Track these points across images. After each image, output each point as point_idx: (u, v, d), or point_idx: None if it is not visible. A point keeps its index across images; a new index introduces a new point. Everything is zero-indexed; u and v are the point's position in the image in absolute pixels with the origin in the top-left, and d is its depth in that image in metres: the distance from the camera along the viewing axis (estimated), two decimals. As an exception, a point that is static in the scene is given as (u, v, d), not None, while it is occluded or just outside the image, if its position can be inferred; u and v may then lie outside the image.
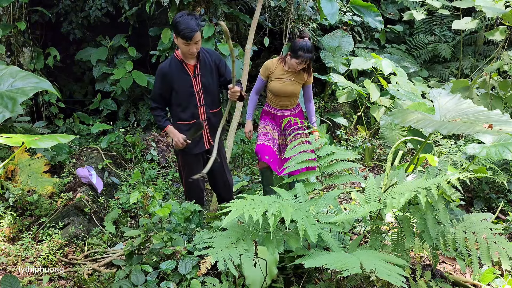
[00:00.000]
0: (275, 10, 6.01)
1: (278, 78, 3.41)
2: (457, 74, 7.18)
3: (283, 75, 3.40)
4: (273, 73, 3.42)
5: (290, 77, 3.40)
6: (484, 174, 2.93)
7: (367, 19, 5.88)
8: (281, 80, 3.40)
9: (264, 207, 1.86)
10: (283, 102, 3.51)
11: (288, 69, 3.38)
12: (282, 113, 3.56)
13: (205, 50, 3.09)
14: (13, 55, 5.04)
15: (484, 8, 4.61)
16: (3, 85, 1.77)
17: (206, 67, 3.05)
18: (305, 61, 3.27)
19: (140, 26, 5.74)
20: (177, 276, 2.21)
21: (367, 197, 2.17)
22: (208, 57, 3.06)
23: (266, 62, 3.50)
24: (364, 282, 2.24)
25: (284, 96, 3.47)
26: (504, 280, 2.56)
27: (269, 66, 3.44)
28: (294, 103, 3.56)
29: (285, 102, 3.52)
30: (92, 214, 3.46)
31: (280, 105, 3.53)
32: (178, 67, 2.99)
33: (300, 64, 3.29)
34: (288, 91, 3.43)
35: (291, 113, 3.56)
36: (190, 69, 3.00)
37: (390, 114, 2.93)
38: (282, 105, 3.53)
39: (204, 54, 3.06)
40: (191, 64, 3.00)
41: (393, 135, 5.09)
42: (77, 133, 5.25)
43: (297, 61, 3.27)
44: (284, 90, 3.42)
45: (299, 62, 3.27)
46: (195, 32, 2.77)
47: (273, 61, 3.46)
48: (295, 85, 3.42)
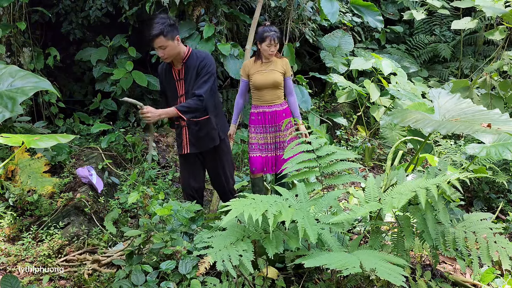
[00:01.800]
0: (275, 10, 6.01)
1: (258, 71, 3.52)
2: (457, 74, 7.18)
3: (261, 67, 3.52)
4: (252, 69, 3.54)
5: (268, 67, 3.51)
6: (484, 174, 2.93)
7: (367, 19, 5.88)
8: (260, 72, 3.51)
9: (264, 207, 1.86)
10: (268, 95, 3.54)
11: (265, 60, 3.51)
12: (270, 109, 3.57)
13: (196, 54, 3.01)
14: (13, 55, 5.04)
15: (484, 8, 4.61)
16: (2, 84, 1.77)
17: (189, 72, 2.98)
18: (273, 40, 3.38)
19: (140, 26, 5.74)
20: (177, 276, 2.21)
21: (367, 197, 2.17)
22: (195, 61, 2.98)
23: (244, 63, 3.66)
24: (364, 282, 2.24)
25: (267, 88, 3.52)
26: (504, 280, 2.56)
27: (246, 65, 3.59)
28: (279, 96, 3.58)
29: (270, 95, 3.54)
30: (92, 214, 3.46)
31: (266, 100, 3.56)
32: (167, 69, 3.06)
33: (271, 45, 3.40)
34: (270, 81, 3.48)
35: (279, 108, 3.57)
36: (176, 72, 3.02)
37: (389, 114, 2.93)
38: (268, 99, 3.55)
39: (193, 58, 2.98)
40: (177, 68, 3.01)
41: (393, 135, 5.09)
42: (77, 133, 5.25)
43: (267, 43, 3.39)
44: (266, 80, 3.49)
45: (269, 44, 3.40)
46: (154, 37, 2.76)
47: (250, 60, 3.62)
48: (275, 74, 3.49)
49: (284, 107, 3.62)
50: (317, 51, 6.47)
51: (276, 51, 3.48)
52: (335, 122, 5.73)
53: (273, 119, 3.57)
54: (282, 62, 3.56)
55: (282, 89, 3.60)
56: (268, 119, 3.58)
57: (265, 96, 3.56)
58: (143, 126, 5.39)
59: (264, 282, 2.15)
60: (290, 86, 3.63)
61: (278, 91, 3.56)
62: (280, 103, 3.59)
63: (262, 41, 3.42)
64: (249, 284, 2.13)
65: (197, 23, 5.25)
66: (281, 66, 3.54)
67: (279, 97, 3.58)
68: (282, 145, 3.61)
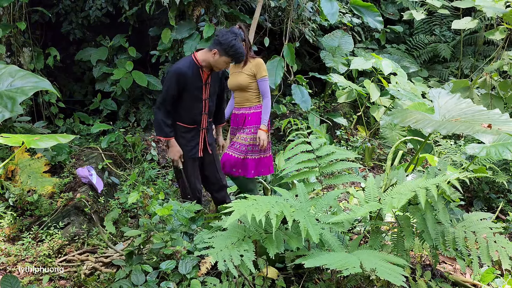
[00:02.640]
0: (275, 10, 6.01)
1: (232, 73, 3.53)
2: (457, 74, 7.18)
3: (235, 69, 3.51)
4: (230, 69, 3.56)
5: (236, 70, 3.48)
6: (484, 174, 2.93)
7: (367, 19, 5.88)
8: (233, 73, 3.51)
9: (267, 207, 1.86)
10: (237, 97, 3.53)
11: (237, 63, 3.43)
12: (239, 111, 3.54)
13: None
14: (13, 55, 5.04)
15: (484, 8, 4.61)
16: (2, 84, 1.77)
17: (214, 78, 3.15)
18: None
19: (140, 26, 5.74)
20: (177, 276, 2.21)
21: (367, 197, 2.17)
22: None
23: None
24: (364, 282, 2.24)
25: (236, 91, 3.51)
26: (504, 280, 2.56)
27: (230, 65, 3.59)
28: (249, 99, 3.47)
29: (238, 97, 3.51)
30: (92, 214, 3.46)
31: (237, 102, 3.54)
32: (195, 71, 3.03)
33: None
34: (235, 83, 3.45)
35: (246, 112, 3.49)
36: (204, 76, 3.07)
37: (389, 114, 2.93)
38: (237, 101, 3.53)
39: None
40: (206, 73, 3.08)
41: (393, 135, 5.09)
42: (77, 133, 5.25)
43: None
44: (232, 82, 3.48)
45: None
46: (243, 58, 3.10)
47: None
48: (242, 76, 3.42)
49: (254, 111, 3.48)
50: (317, 51, 6.46)
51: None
52: (335, 122, 5.73)
53: (239, 122, 3.52)
54: (253, 64, 3.42)
55: (253, 91, 3.47)
56: (235, 121, 3.56)
57: (236, 98, 3.54)
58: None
59: (264, 282, 2.15)
60: (263, 89, 3.45)
61: (246, 94, 3.46)
62: (250, 106, 3.48)
63: None
64: (249, 284, 2.13)
65: (197, 23, 5.25)
66: (250, 68, 3.41)
67: (248, 100, 3.47)
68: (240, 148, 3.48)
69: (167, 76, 3.04)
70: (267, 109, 3.48)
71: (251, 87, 3.44)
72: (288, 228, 1.98)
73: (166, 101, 2.99)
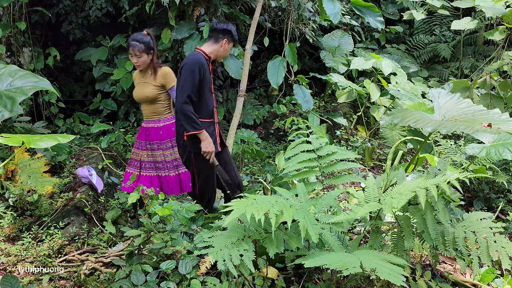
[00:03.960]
0: (275, 10, 6.01)
1: (137, 83, 3.31)
2: (457, 74, 7.18)
3: (140, 79, 3.29)
4: (135, 79, 3.35)
5: (142, 80, 3.27)
6: (484, 174, 2.93)
7: (368, 19, 5.88)
8: (138, 84, 3.29)
9: (266, 207, 1.86)
10: (145, 110, 3.30)
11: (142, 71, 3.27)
12: (147, 124, 3.32)
13: None
14: (13, 55, 5.04)
15: (484, 8, 4.61)
16: (2, 84, 1.77)
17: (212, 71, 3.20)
18: (133, 50, 3.14)
19: (140, 26, 5.74)
20: (177, 276, 2.20)
21: (367, 197, 2.17)
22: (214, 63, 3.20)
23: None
24: (364, 282, 2.24)
25: (143, 103, 3.29)
26: (504, 280, 2.55)
27: (134, 75, 3.38)
28: (158, 112, 3.28)
29: (146, 110, 3.29)
30: (92, 214, 3.46)
31: (145, 114, 3.32)
32: (207, 66, 3.03)
33: (132, 56, 3.17)
34: (141, 95, 3.23)
35: (156, 125, 3.29)
36: (211, 70, 3.11)
37: (389, 114, 2.93)
38: (146, 114, 3.32)
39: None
40: (211, 66, 3.11)
41: (393, 135, 5.09)
42: (77, 133, 5.26)
43: (130, 51, 3.18)
44: (139, 94, 3.26)
45: (130, 54, 3.18)
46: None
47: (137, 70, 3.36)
48: (147, 87, 3.21)
49: (165, 123, 3.30)
50: (317, 51, 6.46)
51: (140, 63, 3.18)
52: (335, 122, 5.73)
53: (149, 136, 3.30)
54: (160, 74, 3.22)
55: (162, 103, 3.27)
56: (144, 135, 3.33)
57: (144, 110, 3.32)
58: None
59: (264, 282, 2.15)
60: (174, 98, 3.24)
61: (155, 106, 3.25)
62: (159, 119, 3.28)
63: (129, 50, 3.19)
64: (249, 284, 2.13)
65: (197, 23, 5.25)
66: (157, 78, 3.22)
67: (157, 112, 3.27)
68: (165, 165, 3.31)
69: (186, 69, 2.90)
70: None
71: (159, 98, 3.24)
72: (288, 228, 1.98)
73: (193, 93, 2.88)
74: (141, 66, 3.21)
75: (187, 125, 2.88)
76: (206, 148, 2.94)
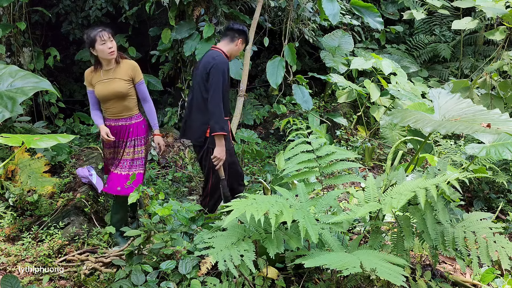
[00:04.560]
0: (275, 10, 6.02)
1: (100, 81, 3.10)
2: (457, 74, 7.18)
3: (103, 76, 3.10)
4: (93, 79, 3.13)
5: (110, 76, 3.10)
6: (484, 174, 2.93)
7: (368, 19, 5.88)
8: (102, 81, 3.09)
9: (266, 207, 1.86)
10: (114, 108, 3.13)
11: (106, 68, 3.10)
12: (117, 122, 3.16)
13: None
14: (13, 55, 5.05)
15: (484, 8, 4.61)
16: (2, 84, 1.77)
17: None
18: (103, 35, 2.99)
19: (140, 26, 5.75)
20: (177, 276, 2.21)
21: (367, 197, 2.18)
22: None
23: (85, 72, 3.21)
24: (364, 282, 2.24)
25: (112, 100, 3.11)
26: (504, 280, 2.56)
27: (87, 75, 3.17)
28: (129, 108, 3.17)
29: (116, 107, 3.13)
30: (92, 214, 3.46)
31: (113, 112, 3.15)
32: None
33: (105, 42, 3.00)
34: (111, 92, 3.06)
35: (128, 122, 3.18)
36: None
37: (389, 114, 2.93)
38: (114, 112, 3.14)
39: None
40: None
41: (393, 135, 5.09)
42: (77, 133, 5.26)
43: (99, 42, 2.98)
44: (108, 91, 3.07)
45: (102, 41, 2.99)
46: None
47: (90, 69, 3.18)
48: (117, 83, 3.07)
49: (137, 120, 3.21)
50: (317, 51, 6.47)
51: (114, 47, 3.05)
52: (335, 122, 5.73)
53: (120, 134, 3.17)
54: (127, 67, 3.13)
55: (132, 98, 3.17)
56: (114, 133, 3.15)
57: (111, 109, 3.14)
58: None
59: (264, 282, 2.15)
60: (143, 92, 3.20)
61: (126, 102, 3.13)
62: (130, 116, 3.18)
63: (94, 43, 2.99)
64: (249, 284, 2.13)
65: (197, 23, 5.25)
66: (125, 72, 3.11)
67: (128, 108, 3.15)
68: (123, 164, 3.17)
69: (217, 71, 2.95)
70: (154, 113, 3.29)
71: (130, 93, 3.13)
72: (288, 228, 1.98)
73: (222, 93, 2.98)
74: (115, 53, 3.07)
75: (216, 125, 2.94)
76: (219, 154, 3.00)
